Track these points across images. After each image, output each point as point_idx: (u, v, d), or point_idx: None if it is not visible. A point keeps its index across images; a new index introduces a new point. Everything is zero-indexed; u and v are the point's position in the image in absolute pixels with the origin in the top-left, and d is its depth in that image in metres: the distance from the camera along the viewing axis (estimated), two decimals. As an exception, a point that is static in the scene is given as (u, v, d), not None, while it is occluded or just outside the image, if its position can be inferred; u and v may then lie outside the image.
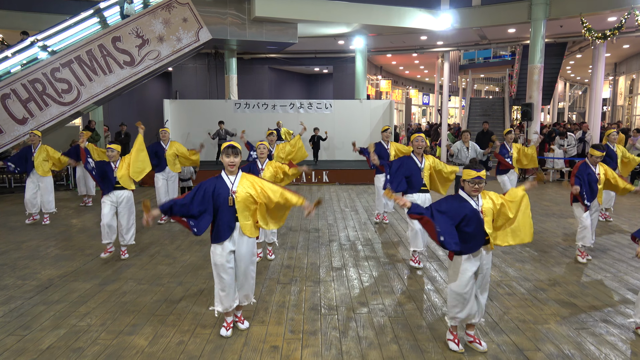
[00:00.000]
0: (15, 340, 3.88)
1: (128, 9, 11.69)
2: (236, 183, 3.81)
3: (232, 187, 3.79)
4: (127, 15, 11.64)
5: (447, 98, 21.03)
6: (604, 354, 3.66)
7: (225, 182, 3.81)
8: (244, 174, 3.91)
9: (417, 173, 5.52)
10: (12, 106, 10.92)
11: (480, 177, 3.48)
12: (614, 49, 19.19)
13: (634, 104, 21.97)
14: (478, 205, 3.55)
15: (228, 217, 3.79)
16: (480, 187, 3.52)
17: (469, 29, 15.53)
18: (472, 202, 3.56)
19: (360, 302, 4.71)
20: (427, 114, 35.47)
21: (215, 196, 3.77)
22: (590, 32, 12.60)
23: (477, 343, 3.72)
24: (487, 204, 3.57)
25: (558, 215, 8.80)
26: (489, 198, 3.61)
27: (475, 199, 3.57)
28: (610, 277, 5.41)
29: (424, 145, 5.56)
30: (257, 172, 5.57)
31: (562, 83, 28.76)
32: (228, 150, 3.76)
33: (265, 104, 15.96)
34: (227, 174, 3.84)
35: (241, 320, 4.10)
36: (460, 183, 3.63)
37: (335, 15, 14.02)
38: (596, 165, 5.86)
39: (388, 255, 6.35)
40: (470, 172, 3.52)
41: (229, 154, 3.76)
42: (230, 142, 3.85)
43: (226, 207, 3.77)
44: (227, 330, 3.96)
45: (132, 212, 6.19)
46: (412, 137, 5.64)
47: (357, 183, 13.14)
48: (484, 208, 3.54)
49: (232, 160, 3.76)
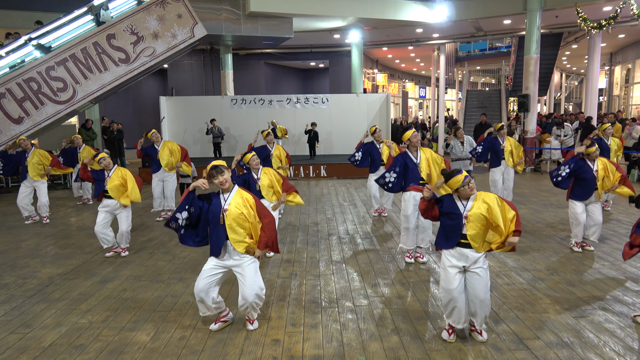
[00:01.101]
0: (17, 338, 3.89)
1: (104, 15, 11.48)
2: (228, 200, 3.77)
3: (224, 204, 3.77)
4: (103, 22, 11.44)
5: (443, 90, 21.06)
6: (603, 341, 3.70)
7: (220, 200, 3.81)
8: (239, 190, 3.85)
9: (414, 168, 5.51)
10: (7, 106, 10.87)
11: (467, 175, 3.51)
12: (610, 39, 19.19)
13: (630, 93, 22.02)
14: (465, 210, 3.54)
15: (219, 233, 3.77)
16: (473, 184, 3.52)
17: (464, 21, 15.51)
18: (460, 205, 3.57)
19: (360, 294, 4.73)
20: (423, 107, 35.47)
21: (210, 213, 3.79)
22: (585, 22, 12.60)
23: (477, 333, 3.75)
24: (478, 209, 3.49)
25: (556, 206, 8.84)
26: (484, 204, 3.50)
27: (465, 202, 3.56)
28: (608, 266, 5.45)
29: (419, 140, 5.58)
30: (254, 182, 5.56)
31: (558, 74, 28.78)
32: (213, 172, 3.74)
33: (262, 99, 15.92)
34: (222, 192, 3.83)
35: (250, 321, 4.02)
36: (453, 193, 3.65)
37: (331, 9, 13.98)
38: (594, 161, 5.76)
39: (387, 248, 6.37)
40: (457, 179, 3.50)
41: (215, 176, 3.74)
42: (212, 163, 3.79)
43: (217, 224, 3.76)
44: (215, 324, 4.01)
45: (129, 219, 6.16)
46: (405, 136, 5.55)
47: (355, 177, 13.15)
48: (470, 213, 3.50)
49: (220, 180, 3.74)
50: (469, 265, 3.57)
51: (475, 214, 3.49)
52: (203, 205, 3.80)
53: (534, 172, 13.76)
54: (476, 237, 3.51)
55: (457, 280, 3.58)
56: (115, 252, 6.16)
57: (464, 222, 3.52)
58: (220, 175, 3.73)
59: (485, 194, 3.58)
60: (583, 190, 5.82)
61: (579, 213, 5.87)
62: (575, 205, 5.92)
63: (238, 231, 3.75)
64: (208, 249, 3.89)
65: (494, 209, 3.48)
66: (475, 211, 3.50)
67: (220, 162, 3.81)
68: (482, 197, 3.55)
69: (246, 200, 3.80)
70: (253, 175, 5.64)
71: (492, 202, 3.51)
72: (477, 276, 3.56)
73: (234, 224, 3.73)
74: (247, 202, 3.80)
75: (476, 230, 3.50)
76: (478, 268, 3.57)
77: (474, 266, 3.57)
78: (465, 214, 3.53)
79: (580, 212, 5.87)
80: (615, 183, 5.73)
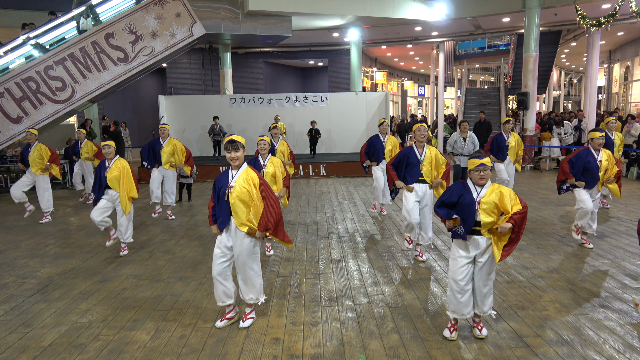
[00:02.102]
0: (17, 337, 3.89)
1: (84, 23, 11.36)
2: (235, 177, 3.81)
3: (231, 181, 3.81)
4: (83, 30, 11.33)
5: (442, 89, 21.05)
6: (603, 338, 3.70)
7: (227, 176, 3.86)
8: (247, 168, 3.88)
9: (416, 164, 5.49)
10: (6, 105, 10.86)
11: (484, 164, 3.49)
12: (609, 37, 19.19)
13: (629, 91, 22.02)
14: (478, 196, 3.55)
15: (224, 209, 3.83)
16: (486, 174, 3.52)
17: (463, 19, 15.50)
18: (474, 192, 3.57)
19: (360, 292, 4.73)
20: (422, 105, 35.46)
21: (218, 188, 3.87)
22: (584, 19, 12.60)
23: (477, 328, 3.75)
24: (489, 197, 3.50)
25: (555, 204, 8.84)
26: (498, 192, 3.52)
27: (479, 189, 3.57)
28: (607, 264, 5.45)
29: (427, 136, 5.53)
30: (259, 168, 5.56)
31: (557, 72, 28.77)
32: (228, 145, 3.79)
33: (261, 98, 15.91)
34: (231, 168, 3.88)
35: (244, 319, 4.04)
36: (467, 174, 3.67)
37: (329, 7, 13.97)
38: (599, 151, 5.77)
39: (387, 246, 6.37)
40: (474, 161, 3.54)
41: (229, 150, 3.78)
42: (231, 136, 3.84)
43: (223, 200, 3.82)
44: (220, 321, 4.01)
45: (129, 212, 6.15)
46: (414, 127, 5.51)
47: (354, 175, 13.15)
48: (483, 199, 3.51)
49: (232, 155, 3.78)
50: (479, 253, 3.59)
51: (488, 200, 3.51)
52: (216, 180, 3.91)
53: (533, 170, 13.76)
54: (489, 224, 3.53)
55: (465, 273, 3.61)
56: (113, 240, 6.17)
57: (477, 208, 3.53)
58: (234, 151, 3.77)
59: (501, 186, 3.59)
60: (586, 179, 5.82)
61: (585, 199, 5.80)
62: (579, 192, 5.89)
63: (241, 210, 3.77)
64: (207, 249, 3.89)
65: (505, 198, 3.49)
66: (487, 198, 3.51)
67: (239, 138, 3.82)
68: (498, 188, 3.57)
69: (251, 179, 3.81)
70: (260, 160, 5.65)
71: (507, 192, 3.53)
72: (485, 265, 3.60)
73: (237, 202, 3.76)
74: (252, 181, 3.81)
75: (489, 218, 3.51)
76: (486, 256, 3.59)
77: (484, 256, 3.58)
78: (478, 199, 3.54)
79: (586, 199, 5.81)
80: (611, 177, 5.74)
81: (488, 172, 3.54)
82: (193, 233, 7.22)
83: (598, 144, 5.73)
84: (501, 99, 19.15)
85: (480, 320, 3.80)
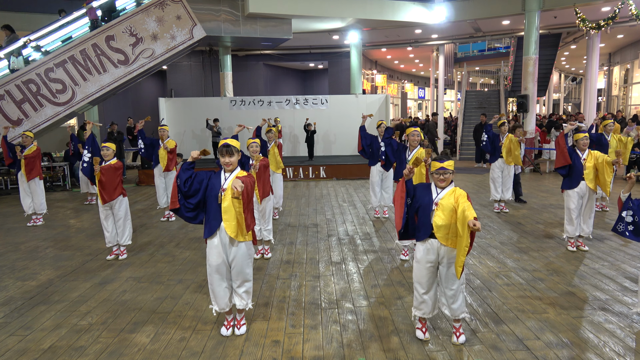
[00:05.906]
0: (17, 340, 3.89)
1: (15, 62, 11.09)
2: (228, 180, 3.75)
3: (224, 184, 3.75)
4: (14, 69, 11.02)
5: (442, 91, 21.08)
6: (603, 341, 3.70)
7: (220, 179, 3.79)
8: (240, 172, 3.83)
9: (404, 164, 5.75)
10: (6, 107, 10.87)
11: (444, 167, 3.52)
12: (608, 39, 19.23)
13: (629, 93, 22.05)
14: (437, 197, 3.55)
15: (214, 212, 3.74)
16: (446, 178, 3.53)
17: (463, 22, 15.53)
18: (434, 193, 3.59)
19: (360, 295, 4.73)
20: (422, 108, 35.48)
21: (209, 188, 3.77)
22: (584, 22, 12.62)
23: (454, 334, 3.74)
24: (448, 200, 3.48)
25: (555, 206, 8.84)
26: (455, 196, 3.48)
27: (439, 190, 3.57)
28: (607, 266, 5.45)
29: (419, 140, 5.76)
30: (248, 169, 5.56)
31: (557, 74, 28.80)
32: (222, 150, 3.76)
33: (261, 100, 15.92)
34: (224, 172, 3.83)
35: (238, 325, 3.98)
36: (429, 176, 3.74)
37: (329, 10, 13.99)
38: (584, 151, 5.80)
39: (387, 248, 6.37)
40: (435, 164, 3.57)
41: (223, 154, 3.76)
42: (226, 140, 3.81)
43: (214, 202, 3.74)
44: (227, 329, 3.94)
45: (127, 215, 6.13)
46: (407, 131, 5.89)
47: (354, 178, 13.15)
48: (441, 202, 3.49)
49: (226, 160, 3.75)
50: (439, 258, 3.58)
51: (446, 203, 3.47)
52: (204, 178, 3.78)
53: (533, 173, 13.77)
54: (443, 228, 3.48)
55: (428, 275, 3.64)
56: (115, 255, 6.14)
57: (433, 209, 3.52)
58: (229, 156, 3.74)
59: (461, 191, 3.53)
60: (570, 177, 5.86)
61: (572, 209, 5.88)
62: (568, 197, 5.91)
63: (232, 213, 3.68)
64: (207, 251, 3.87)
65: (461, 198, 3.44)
66: (445, 201, 3.49)
67: (234, 143, 3.78)
68: (457, 192, 3.52)
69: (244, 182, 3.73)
70: (251, 161, 5.71)
71: (463, 197, 3.46)
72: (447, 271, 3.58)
73: (229, 205, 3.67)
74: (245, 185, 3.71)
75: (444, 220, 3.46)
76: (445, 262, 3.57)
77: (444, 261, 3.57)
78: (436, 200, 3.54)
79: (573, 208, 5.87)
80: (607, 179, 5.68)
81: (448, 176, 3.54)
82: (192, 235, 7.22)
83: (583, 144, 5.81)
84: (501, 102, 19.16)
85: (461, 326, 3.77)
